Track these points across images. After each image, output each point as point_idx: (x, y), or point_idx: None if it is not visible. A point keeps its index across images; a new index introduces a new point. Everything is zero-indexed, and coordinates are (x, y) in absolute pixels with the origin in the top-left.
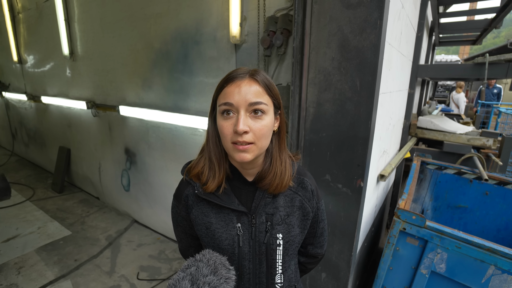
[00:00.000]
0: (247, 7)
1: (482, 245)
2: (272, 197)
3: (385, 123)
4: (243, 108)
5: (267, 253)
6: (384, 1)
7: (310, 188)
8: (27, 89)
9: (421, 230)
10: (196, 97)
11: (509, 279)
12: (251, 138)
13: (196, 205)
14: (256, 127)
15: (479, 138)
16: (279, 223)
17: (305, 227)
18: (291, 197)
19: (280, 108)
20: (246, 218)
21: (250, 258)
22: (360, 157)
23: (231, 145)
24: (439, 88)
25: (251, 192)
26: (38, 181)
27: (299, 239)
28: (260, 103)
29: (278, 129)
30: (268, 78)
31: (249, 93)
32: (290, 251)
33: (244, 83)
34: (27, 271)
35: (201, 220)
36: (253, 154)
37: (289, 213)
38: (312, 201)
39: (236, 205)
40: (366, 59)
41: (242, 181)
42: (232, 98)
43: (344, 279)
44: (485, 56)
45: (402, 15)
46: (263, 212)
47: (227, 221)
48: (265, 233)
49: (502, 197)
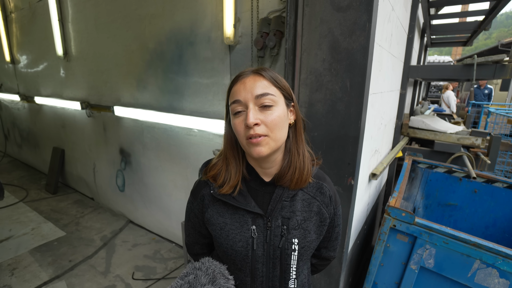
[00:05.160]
0: (240, 8)
1: (468, 240)
2: (289, 201)
3: (377, 122)
4: (251, 102)
5: (282, 257)
6: (373, 5)
7: (328, 194)
8: (20, 89)
9: (410, 226)
10: (191, 98)
11: (493, 272)
12: (264, 130)
13: (212, 205)
14: (267, 119)
15: (469, 137)
16: (295, 227)
17: (321, 232)
18: (309, 202)
19: (293, 100)
20: (261, 221)
21: (264, 261)
22: (350, 156)
23: (246, 141)
24: (432, 89)
25: (268, 194)
26: (31, 182)
27: (314, 245)
28: (267, 94)
29: (294, 123)
30: (274, 72)
31: (255, 87)
32: (305, 256)
33: (248, 79)
34: (21, 272)
35: (216, 220)
36: (268, 147)
37: (306, 218)
38: (329, 207)
39: (252, 207)
40: (355, 61)
41: (259, 182)
42: (239, 95)
43: (336, 276)
44: (474, 57)
45: (392, 17)
46: (279, 215)
47: (242, 222)
48: (281, 237)
49: (490, 194)
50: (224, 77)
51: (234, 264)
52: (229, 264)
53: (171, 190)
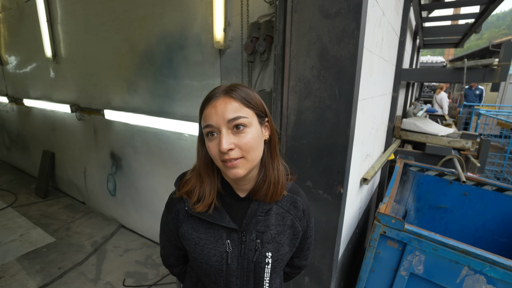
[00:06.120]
0: (231, 12)
1: (456, 247)
2: (264, 215)
3: (368, 127)
4: (223, 127)
5: (255, 271)
6: (361, 12)
7: (302, 208)
8: (9, 91)
9: (400, 233)
10: (182, 102)
11: (481, 279)
12: (238, 153)
13: (187, 220)
14: (241, 142)
15: (459, 140)
16: (269, 241)
17: (294, 245)
18: (283, 216)
19: (267, 116)
20: (236, 235)
21: (238, 275)
22: (339, 164)
23: (222, 164)
24: (425, 89)
25: (243, 209)
26: (20, 186)
27: (287, 257)
28: (239, 118)
29: (269, 138)
30: (245, 90)
31: (226, 111)
32: (278, 268)
33: (219, 103)
34: (7, 281)
35: (190, 235)
36: (244, 168)
37: (280, 232)
38: (303, 220)
39: (227, 222)
40: (344, 68)
41: (234, 197)
42: (211, 119)
43: (327, 283)
44: (464, 61)
45: (383, 22)
46: (253, 229)
47: (217, 237)
48: (255, 251)
49: (480, 197)
50: (215, 81)
51: (209, 277)
52: (203, 277)
53: (163, 195)
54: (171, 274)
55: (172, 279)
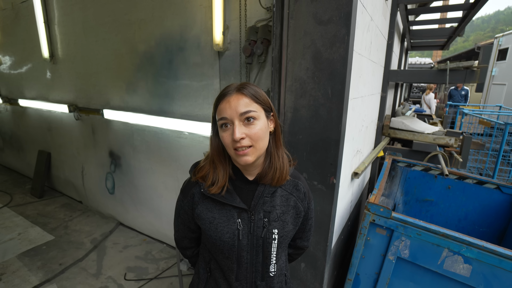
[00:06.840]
0: (229, 16)
1: (437, 231)
2: (270, 197)
3: (358, 124)
4: (236, 119)
5: (264, 246)
6: (351, 19)
7: (303, 190)
8: (3, 91)
9: (388, 220)
10: (181, 101)
11: (459, 259)
12: (249, 142)
13: (202, 202)
14: (251, 132)
15: (443, 137)
16: (275, 219)
17: (297, 224)
18: (287, 197)
19: (272, 110)
20: (246, 215)
21: (248, 249)
22: (332, 157)
23: (234, 152)
24: (414, 90)
25: (251, 191)
26: (15, 187)
27: (291, 234)
28: (249, 111)
29: (274, 130)
30: (254, 88)
31: (238, 105)
32: (283, 244)
33: (232, 98)
34: (9, 277)
35: (205, 215)
36: (253, 155)
37: (285, 211)
38: (304, 202)
39: (238, 203)
40: (336, 70)
41: (243, 180)
42: (225, 112)
43: (321, 268)
44: (447, 63)
45: (372, 27)
46: (261, 209)
47: (229, 216)
48: (263, 228)
49: (462, 190)
50: (214, 81)
51: (222, 253)
52: (217, 254)
53: (162, 191)
54: (184, 257)
55: (173, 272)
